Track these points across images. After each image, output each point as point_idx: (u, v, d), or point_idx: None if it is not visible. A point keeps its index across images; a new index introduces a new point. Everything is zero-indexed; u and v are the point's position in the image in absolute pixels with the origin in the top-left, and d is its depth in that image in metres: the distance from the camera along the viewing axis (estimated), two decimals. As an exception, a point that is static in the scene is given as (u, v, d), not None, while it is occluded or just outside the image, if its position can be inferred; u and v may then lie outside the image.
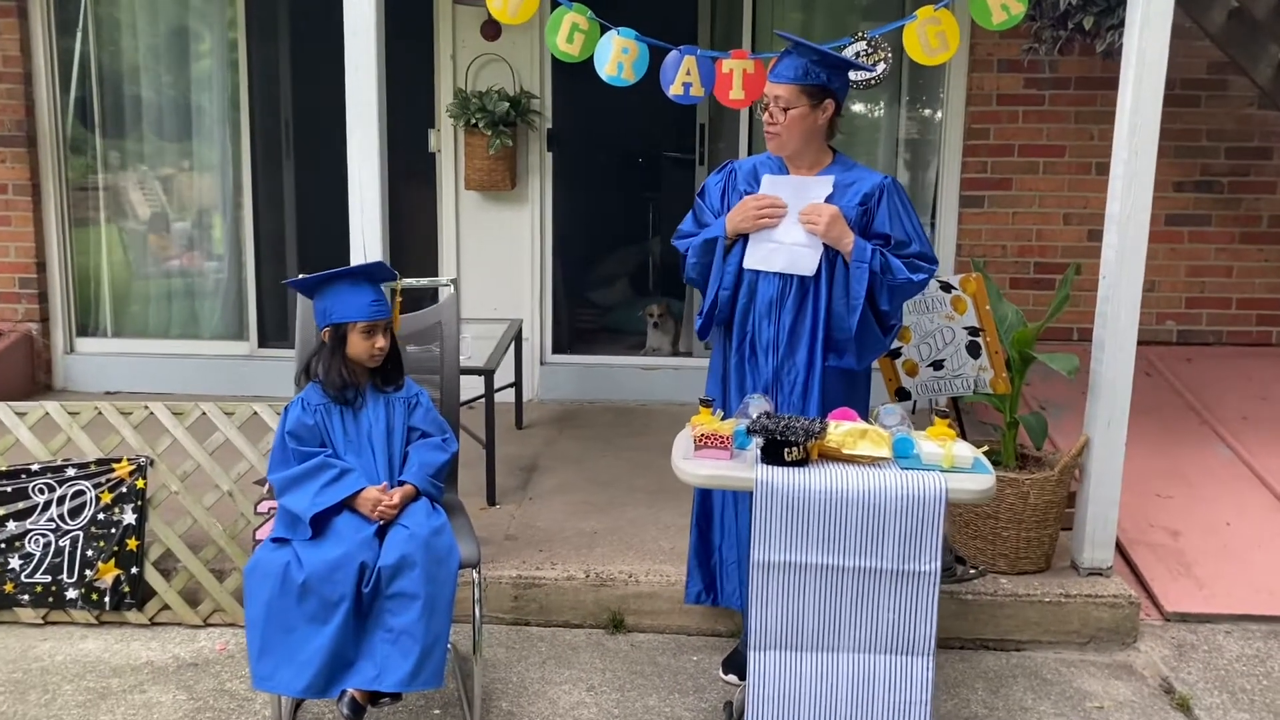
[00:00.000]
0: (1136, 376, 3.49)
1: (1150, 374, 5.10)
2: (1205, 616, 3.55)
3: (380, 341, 2.80)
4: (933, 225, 5.55)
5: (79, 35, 5.59)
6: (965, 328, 3.57)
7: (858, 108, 5.82)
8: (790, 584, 2.45)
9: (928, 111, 5.66)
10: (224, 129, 5.71)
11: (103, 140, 5.74)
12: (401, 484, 2.78)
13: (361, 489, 2.70)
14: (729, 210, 3.03)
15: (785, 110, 2.89)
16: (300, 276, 2.93)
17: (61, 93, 5.60)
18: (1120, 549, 3.79)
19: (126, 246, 5.90)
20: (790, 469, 2.45)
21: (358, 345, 2.79)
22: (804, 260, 2.93)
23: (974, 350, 3.58)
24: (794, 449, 2.46)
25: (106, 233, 5.83)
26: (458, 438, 3.14)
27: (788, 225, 2.94)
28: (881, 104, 5.79)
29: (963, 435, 3.75)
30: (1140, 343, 3.60)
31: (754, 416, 2.62)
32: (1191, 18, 4.71)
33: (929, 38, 3.39)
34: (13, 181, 5.52)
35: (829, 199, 2.94)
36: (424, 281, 3.12)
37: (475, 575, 2.80)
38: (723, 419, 2.71)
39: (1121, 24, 3.42)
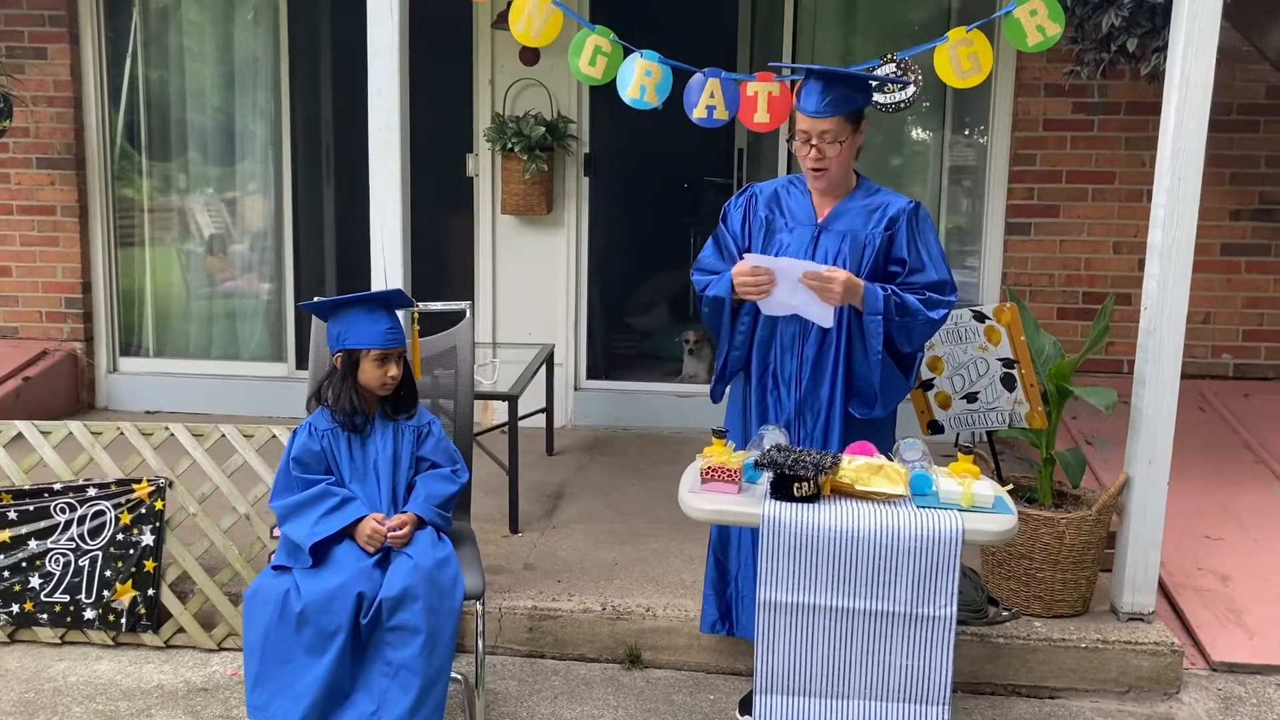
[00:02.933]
0: (1190, 411, 3.34)
1: (1204, 409, 4.89)
2: (1255, 668, 3.36)
3: (393, 370, 2.75)
4: (978, 253, 5.42)
5: (128, 61, 5.70)
6: (1000, 359, 3.45)
7: (901, 134, 5.70)
8: (798, 626, 2.34)
9: (973, 137, 5.53)
10: (266, 153, 5.77)
11: (149, 163, 5.84)
12: (404, 513, 2.72)
13: (361, 518, 2.65)
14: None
15: (836, 144, 2.78)
16: (316, 300, 2.92)
17: (110, 117, 5.71)
18: (1165, 593, 3.62)
19: (169, 268, 5.97)
20: (799, 505, 2.35)
21: (370, 373, 2.75)
22: (819, 316, 2.80)
23: (1009, 383, 3.44)
24: (804, 484, 2.37)
25: (150, 254, 5.91)
26: (470, 464, 3.09)
27: (794, 289, 2.76)
28: (926, 130, 5.68)
29: (998, 471, 3.62)
30: (1195, 376, 3.45)
31: (766, 449, 2.53)
32: (1249, 41, 4.55)
33: (961, 59, 3.28)
34: (61, 203, 5.63)
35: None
36: (439, 306, 3.08)
37: (479, 607, 2.74)
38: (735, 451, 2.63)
39: (1167, 45, 3.29)
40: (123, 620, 3.43)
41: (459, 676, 3.00)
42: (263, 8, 5.66)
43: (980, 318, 3.46)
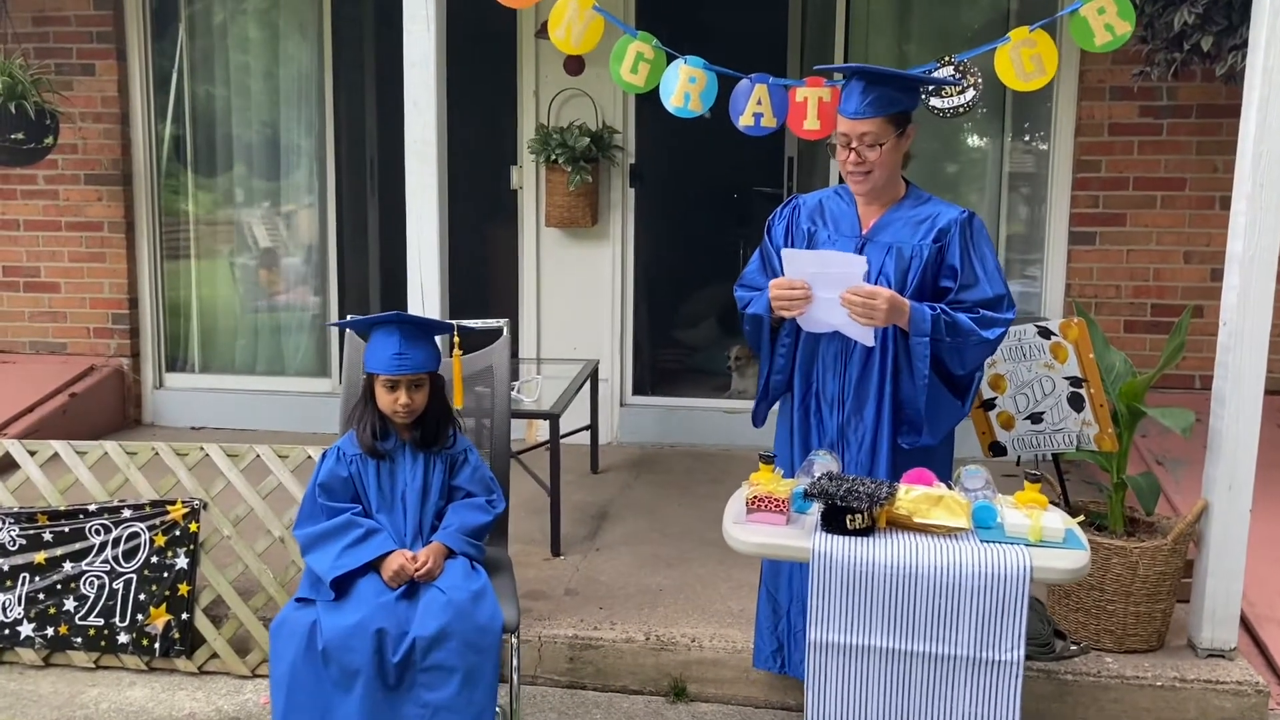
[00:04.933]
0: (1267, 429, 3.12)
1: (1283, 427, 4.63)
2: (1347, 709, 3.13)
3: (403, 398, 2.61)
4: (1040, 263, 5.21)
5: (174, 77, 5.69)
6: (1066, 378, 3.25)
7: (958, 140, 5.51)
8: (851, 669, 2.18)
9: (1034, 143, 5.32)
10: (311, 168, 5.74)
11: (194, 178, 5.83)
12: (431, 543, 2.60)
13: (388, 553, 2.53)
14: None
15: (877, 146, 2.63)
16: (350, 318, 2.83)
17: (157, 132, 5.71)
18: (1247, 627, 3.39)
19: (215, 283, 5.96)
20: (852, 538, 2.19)
21: (383, 399, 2.63)
22: (860, 334, 2.63)
23: (1076, 403, 3.25)
24: (857, 516, 2.21)
25: (196, 270, 5.90)
26: (508, 486, 2.98)
27: (831, 306, 2.59)
28: (984, 136, 5.48)
29: (1064, 496, 3.43)
30: (1271, 392, 3.21)
31: (816, 476, 2.37)
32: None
33: (1023, 61, 3.11)
34: (108, 219, 5.63)
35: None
36: (475, 324, 2.97)
37: (514, 640, 2.61)
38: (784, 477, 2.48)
39: (1245, 44, 3.08)
40: (156, 645, 3.35)
41: (498, 709, 2.88)
42: (308, 23, 5.63)
43: (1046, 334, 3.27)
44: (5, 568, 3.41)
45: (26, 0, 5.43)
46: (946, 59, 3.24)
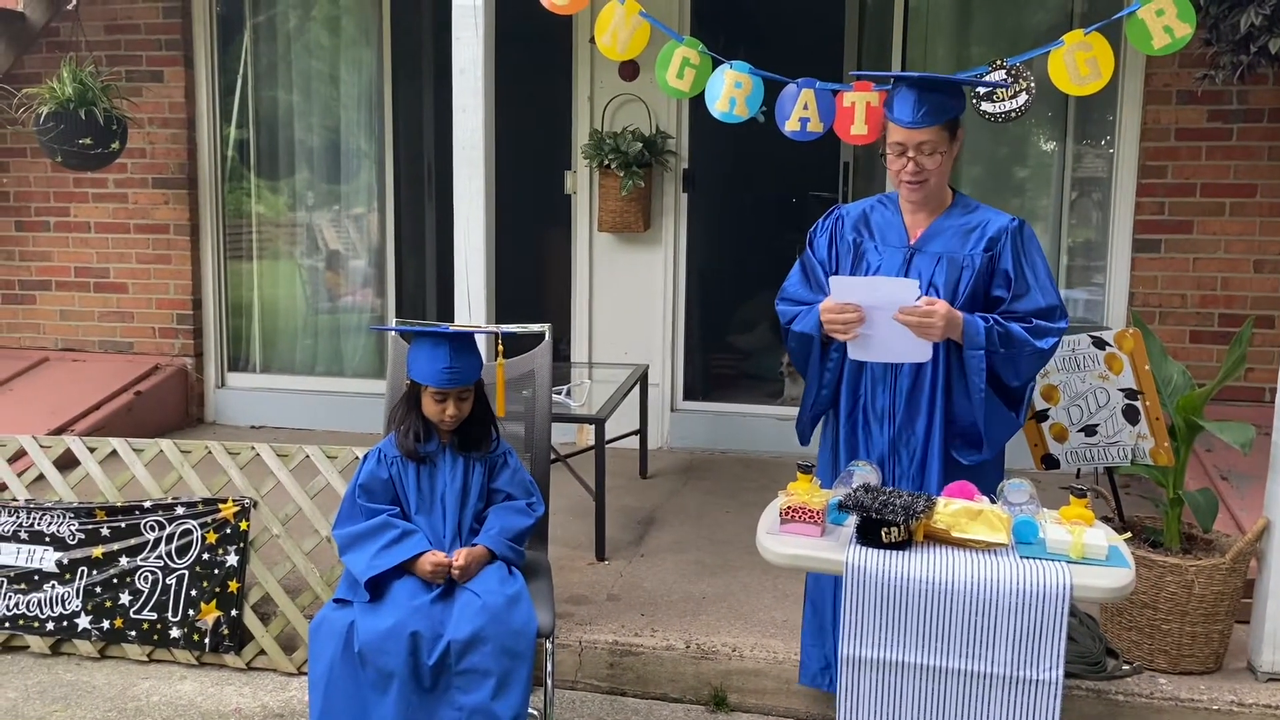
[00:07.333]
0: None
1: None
2: None
3: (451, 409, 2.64)
4: (1103, 270, 5.08)
5: (238, 82, 5.82)
6: (1121, 389, 3.16)
7: (1019, 144, 5.40)
8: (885, 685, 2.14)
9: (1098, 148, 5.19)
10: (370, 172, 5.83)
11: (257, 182, 5.95)
12: (474, 546, 2.62)
13: (422, 553, 2.55)
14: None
15: (936, 154, 2.59)
16: (395, 324, 2.86)
17: (221, 137, 5.84)
18: (1311, 650, 3.26)
19: (276, 285, 6.08)
20: (888, 552, 2.15)
21: (429, 408, 2.66)
22: (915, 352, 2.58)
23: (1131, 415, 3.16)
24: (893, 529, 2.17)
25: (258, 272, 6.02)
26: (548, 492, 2.98)
27: (887, 324, 2.54)
28: (1047, 141, 5.36)
29: (1119, 511, 3.34)
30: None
31: (854, 488, 2.34)
32: None
33: (1078, 65, 3.03)
34: (174, 222, 5.78)
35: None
36: (516, 329, 2.98)
37: (549, 645, 2.61)
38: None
39: (1314, 46, 2.98)
40: (207, 640, 3.42)
41: (534, 712, 2.89)
42: (369, 31, 5.72)
43: (1100, 344, 3.18)
44: (65, 561, 3.51)
45: (99, 10, 5.60)
46: (998, 62, 3.17)
